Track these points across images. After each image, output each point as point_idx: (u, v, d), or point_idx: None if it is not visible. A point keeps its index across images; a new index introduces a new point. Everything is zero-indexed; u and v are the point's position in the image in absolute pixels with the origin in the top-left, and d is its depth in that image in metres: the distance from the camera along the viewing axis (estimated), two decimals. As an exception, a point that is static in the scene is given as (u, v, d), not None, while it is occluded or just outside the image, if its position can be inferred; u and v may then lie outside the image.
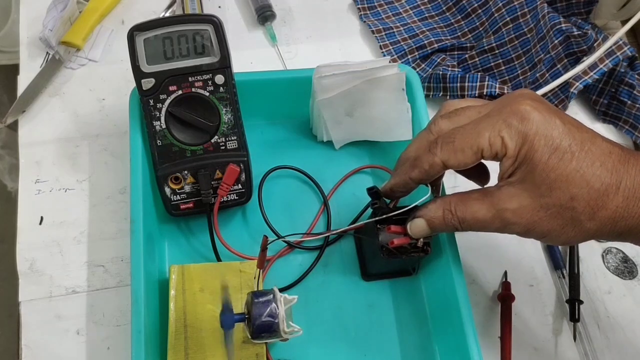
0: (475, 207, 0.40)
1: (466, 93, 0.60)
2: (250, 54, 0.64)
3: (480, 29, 0.67)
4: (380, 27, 0.66)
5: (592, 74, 0.60)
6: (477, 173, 0.46)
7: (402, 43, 0.65)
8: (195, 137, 0.50)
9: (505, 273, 0.54)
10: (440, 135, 0.41)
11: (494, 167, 0.42)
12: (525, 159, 0.38)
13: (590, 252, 0.57)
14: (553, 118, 0.38)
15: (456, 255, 0.48)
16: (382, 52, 0.65)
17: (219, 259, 0.50)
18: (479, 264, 0.55)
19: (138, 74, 0.48)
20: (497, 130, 0.38)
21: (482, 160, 0.40)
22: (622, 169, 0.37)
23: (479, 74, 0.61)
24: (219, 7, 0.67)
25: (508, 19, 0.64)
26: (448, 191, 0.51)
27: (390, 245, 0.45)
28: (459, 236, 0.48)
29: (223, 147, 0.50)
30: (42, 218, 0.53)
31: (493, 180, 0.43)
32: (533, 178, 0.38)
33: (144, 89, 0.48)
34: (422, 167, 0.41)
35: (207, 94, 0.49)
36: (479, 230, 0.41)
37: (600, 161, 0.37)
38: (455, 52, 0.66)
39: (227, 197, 0.50)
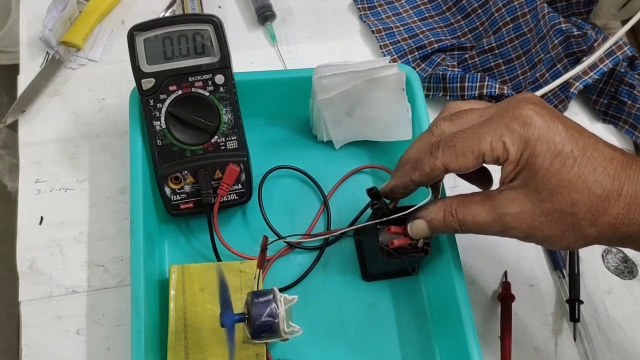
0: (476, 210, 0.40)
1: (466, 93, 0.60)
2: (250, 54, 0.64)
3: (480, 29, 0.66)
4: (380, 27, 0.66)
5: (592, 74, 0.60)
6: (480, 177, 0.46)
7: (402, 43, 0.65)
8: (195, 137, 0.50)
9: (505, 273, 0.54)
10: (442, 138, 0.41)
11: (496, 168, 0.42)
12: (527, 164, 0.37)
13: (590, 252, 0.57)
14: (555, 123, 0.37)
15: (456, 255, 0.48)
16: (382, 52, 0.65)
17: (219, 259, 0.50)
18: (479, 264, 0.55)
19: (138, 74, 0.48)
20: (499, 134, 0.38)
21: (484, 164, 0.40)
22: (624, 175, 0.37)
23: (479, 74, 0.61)
24: (219, 7, 0.67)
25: (508, 19, 0.64)
26: (448, 192, 0.51)
27: (391, 246, 0.45)
28: (459, 236, 0.48)
29: (223, 147, 0.50)
30: (42, 218, 0.53)
31: (495, 185, 0.43)
32: (534, 183, 0.37)
33: (144, 89, 0.48)
34: (423, 169, 0.41)
35: (207, 94, 0.49)
36: (479, 233, 0.41)
37: (602, 167, 0.37)
38: (455, 52, 0.66)
39: (227, 197, 0.50)
